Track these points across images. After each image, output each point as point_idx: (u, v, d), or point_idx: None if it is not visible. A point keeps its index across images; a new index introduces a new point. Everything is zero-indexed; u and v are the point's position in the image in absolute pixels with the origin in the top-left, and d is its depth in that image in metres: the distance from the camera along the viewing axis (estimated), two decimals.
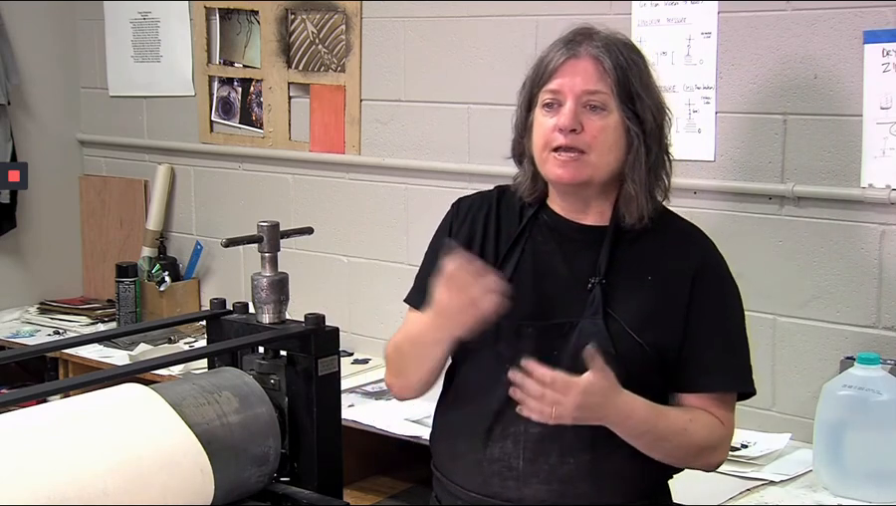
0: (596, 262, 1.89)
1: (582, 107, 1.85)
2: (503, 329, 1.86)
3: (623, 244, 1.91)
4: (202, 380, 1.86)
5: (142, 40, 4.10)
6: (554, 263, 1.92)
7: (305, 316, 2.01)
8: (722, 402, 1.91)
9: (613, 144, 1.86)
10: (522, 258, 1.93)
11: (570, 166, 1.86)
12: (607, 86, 1.85)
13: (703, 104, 2.87)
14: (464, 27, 3.30)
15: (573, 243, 1.93)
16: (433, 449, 2.03)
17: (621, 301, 1.87)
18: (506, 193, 2.02)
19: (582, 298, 1.87)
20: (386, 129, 3.51)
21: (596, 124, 1.85)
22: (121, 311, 3.90)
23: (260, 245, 2.08)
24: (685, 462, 1.93)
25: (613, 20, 2.98)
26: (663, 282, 1.89)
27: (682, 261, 1.91)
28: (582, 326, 1.85)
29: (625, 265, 1.90)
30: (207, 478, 1.68)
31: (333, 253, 3.62)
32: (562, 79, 1.87)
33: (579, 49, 1.88)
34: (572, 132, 1.84)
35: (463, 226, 2.00)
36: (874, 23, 2.60)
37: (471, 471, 1.91)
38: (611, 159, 1.87)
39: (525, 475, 1.86)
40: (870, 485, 2.39)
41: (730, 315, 1.95)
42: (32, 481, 1.50)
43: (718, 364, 1.90)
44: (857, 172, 2.65)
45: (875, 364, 2.42)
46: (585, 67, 1.86)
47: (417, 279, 2.04)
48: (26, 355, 3.27)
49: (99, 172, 4.33)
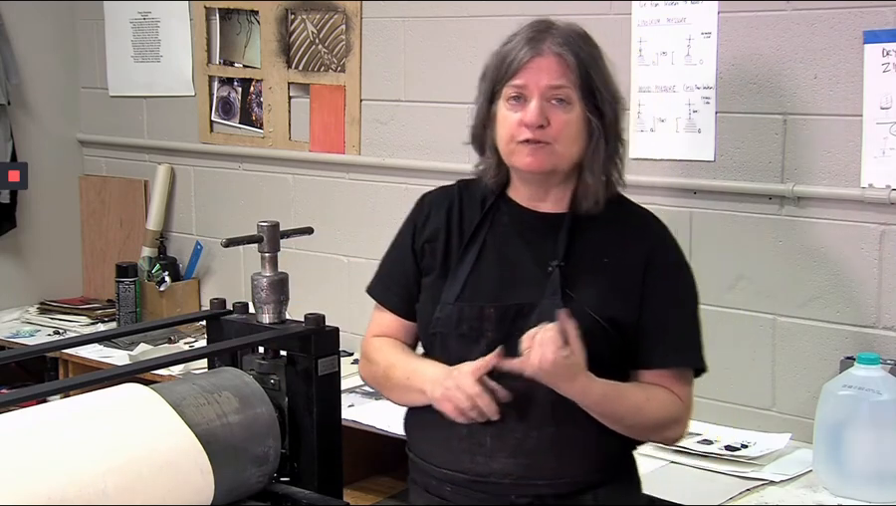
0: (555, 247, 1.98)
1: (547, 101, 1.94)
2: (465, 312, 1.97)
3: (581, 230, 2.00)
4: (202, 381, 1.86)
5: (142, 40, 4.10)
6: (514, 249, 2.02)
7: (305, 316, 2.01)
8: (678, 379, 1.99)
9: (577, 136, 1.96)
10: (484, 246, 2.03)
11: (539, 155, 1.95)
12: (570, 81, 1.94)
13: (703, 104, 2.86)
14: (464, 27, 3.30)
15: (533, 230, 2.03)
16: (407, 433, 2.12)
17: (580, 282, 1.96)
18: (468, 186, 2.11)
19: (542, 281, 1.96)
20: (386, 129, 3.51)
21: (561, 117, 1.94)
22: (121, 311, 3.90)
23: (260, 245, 2.08)
24: (645, 436, 2.03)
25: (613, 20, 2.99)
26: (619, 264, 1.98)
27: (637, 245, 2.00)
28: (542, 306, 1.93)
29: (583, 249, 1.99)
30: (207, 478, 1.68)
31: (333, 253, 3.62)
32: (527, 74, 1.94)
33: (542, 46, 1.96)
34: (539, 128, 1.93)
35: (428, 220, 2.10)
36: (874, 23, 2.60)
37: (442, 449, 1.99)
38: (574, 150, 1.97)
39: (492, 450, 1.94)
40: (870, 485, 2.39)
41: (682, 296, 2.03)
42: (32, 481, 1.50)
43: (671, 341, 1.99)
44: (857, 172, 2.65)
45: (875, 364, 2.42)
46: (549, 63, 1.94)
47: (381, 272, 2.17)
48: (26, 355, 3.27)
49: (99, 172, 4.33)
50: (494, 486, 1.95)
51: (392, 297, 2.13)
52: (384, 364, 2.09)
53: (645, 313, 1.97)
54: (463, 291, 2.00)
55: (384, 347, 2.11)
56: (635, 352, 1.98)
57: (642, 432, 2.00)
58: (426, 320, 2.04)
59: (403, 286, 2.11)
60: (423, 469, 2.05)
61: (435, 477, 2.02)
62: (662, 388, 1.97)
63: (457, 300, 1.99)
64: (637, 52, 2.95)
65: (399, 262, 2.13)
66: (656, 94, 2.93)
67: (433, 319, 2.02)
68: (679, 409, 1.99)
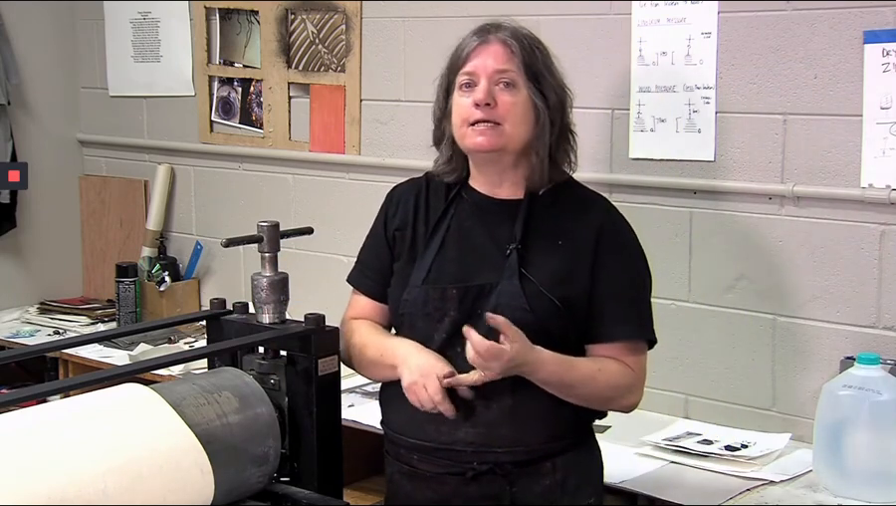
0: (513, 231, 2.12)
1: (495, 85, 2.09)
2: (430, 293, 2.12)
3: (536, 214, 2.14)
4: (202, 381, 1.87)
5: (142, 40, 4.10)
6: (475, 234, 2.17)
7: (305, 316, 2.01)
8: (630, 350, 2.13)
9: (523, 117, 2.10)
10: (448, 232, 2.18)
11: (488, 134, 2.08)
12: (515, 65, 2.10)
13: (703, 104, 2.86)
14: (464, 27, 3.28)
15: (492, 215, 2.17)
16: (381, 408, 2.26)
17: (535, 264, 2.10)
18: (434, 178, 2.26)
19: (501, 263, 2.11)
20: (386, 129, 3.51)
21: (508, 99, 2.09)
22: (121, 311, 3.90)
23: (260, 245, 2.08)
24: (600, 405, 2.16)
25: (613, 20, 2.99)
26: (572, 244, 2.12)
27: (587, 224, 2.14)
28: (501, 287, 2.08)
29: (538, 232, 2.13)
30: (207, 478, 1.68)
31: (333, 253, 3.62)
32: (476, 61, 2.11)
33: (489, 36, 2.13)
34: (487, 106, 2.07)
35: (398, 211, 2.25)
36: (874, 23, 2.60)
37: (410, 420, 2.13)
38: (522, 131, 2.11)
39: (455, 421, 2.08)
40: (870, 485, 2.39)
41: (631, 271, 2.16)
42: (32, 481, 1.50)
43: (621, 316, 2.12)
44: (857, 172, 2.65)
45: (875, 364, 2.42)
46: (496, 50, 2.11)
47: (358, 260, 2.34)
48: (26, 355, 3.27)
49: (99, 172, 4.33)
50: (457, 454, 2.10)
51: (367, 281, 2.29)
52: (359, 343, 2.22)
53: (595, 290, 2.11)
54: (429, 274, 2.14)
55: (360, 327, 2.24)
56: (587, 327, 2.12)
57: (597, 401, 2.13)
58: (396, 302, 2.19)
59: (377, 271, 2.27)
60: (394, 440, 2.21)
61: (404, 446, 2.17)
62: (613, 360, 2.11)
63: (423, 283, 2.14)
64: (637, 52, 2.95)
65: (373, 250, 2.30)
66: (656, 94, 2.93)
67: (401, 301, 2.16)
68: (631, 378, 2.13)
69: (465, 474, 2.10)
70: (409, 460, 2.17)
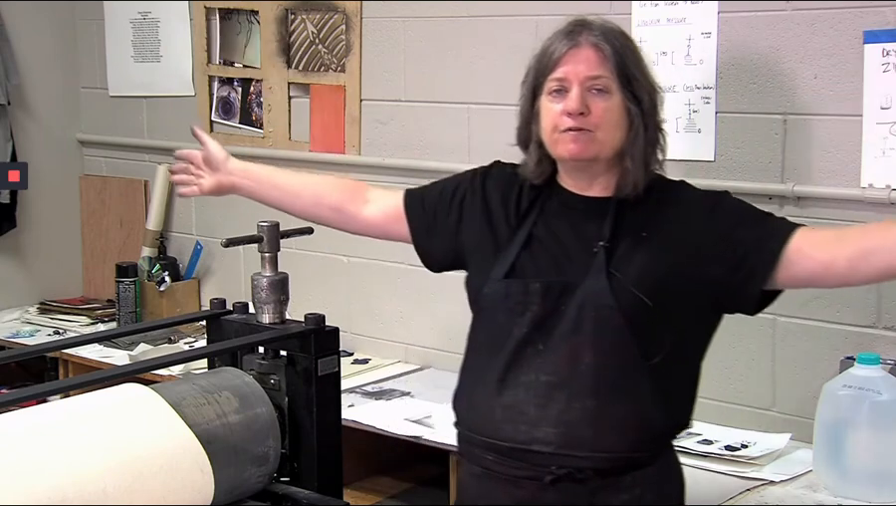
0: (601, 229, 2.05)
1: (587, 91, 2.02)
2: (512, 287, 2.04)
3: (626, 212, 2.07)
4: (202, 380, 1.87)
5: (142, 40, 4.10)
6: (562, 231, 2.09)
7: (305, 316, 2.01)
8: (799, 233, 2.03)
9: (617, 123, 2.03)
10: (534, 227, 2.10)
11: (581, 142, 2.02)
12: (608, 70, 2.02)
13: (703, 104, 2.86)
14: (464, 27, 3.30)
15: (580, 213, 2.10)
16: (454, 409, 2.15)
17: (623, 262, 2.02)
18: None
19: (588, 261, 2.03)
20: (386, 129, 3.51)
21: (601, 105, 2.02)
22: (121, 311, 3.89)
23: (260, 245, 2.08)
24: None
25: (613, 20, 2.97)
26: (666, 236, 2.04)
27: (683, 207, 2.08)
28: (587, 284, 2.01)
29: (626, 231, 2.06)
30: (207, 478, 1.68)
31: (333, 253, 3.62)
32: (567, 66, 2.03)
33: (580, 38, 2.04)
34: (580, 115, 2.00)
35: (496, 188, 2.18)
36: (874, 23, 2.60)
37: (485, 418, 2.03)
38: (616, 137, 2.04)
39: (535, 420, 1.99)
40: (870, 485, 2.39)
41: (747, 208, 2.09)
42: (32, 481, 1.50)
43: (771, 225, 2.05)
44: (857, 172, 2.65)
45: (875, 364, 2.42)
46: (587, 54, 2.03)
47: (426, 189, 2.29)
48: (26, 355, 3.27)
49: (99, 172, 4.32)
50: (535, 456, 1.99)
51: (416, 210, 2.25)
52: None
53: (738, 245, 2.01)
54: (512, 269, 2.07)
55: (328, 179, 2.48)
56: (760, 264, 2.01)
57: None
58: (474, 293, 2.13)
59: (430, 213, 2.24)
60: (467, 439, 2.10)
61: (478, 446, 2.06)
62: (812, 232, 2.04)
63: (505, 277, 2.06)
64: None
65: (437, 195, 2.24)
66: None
67: (481, 294, 2.09)
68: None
69: (542, 479, 1.98)
70: (483, 461, 2.06)
